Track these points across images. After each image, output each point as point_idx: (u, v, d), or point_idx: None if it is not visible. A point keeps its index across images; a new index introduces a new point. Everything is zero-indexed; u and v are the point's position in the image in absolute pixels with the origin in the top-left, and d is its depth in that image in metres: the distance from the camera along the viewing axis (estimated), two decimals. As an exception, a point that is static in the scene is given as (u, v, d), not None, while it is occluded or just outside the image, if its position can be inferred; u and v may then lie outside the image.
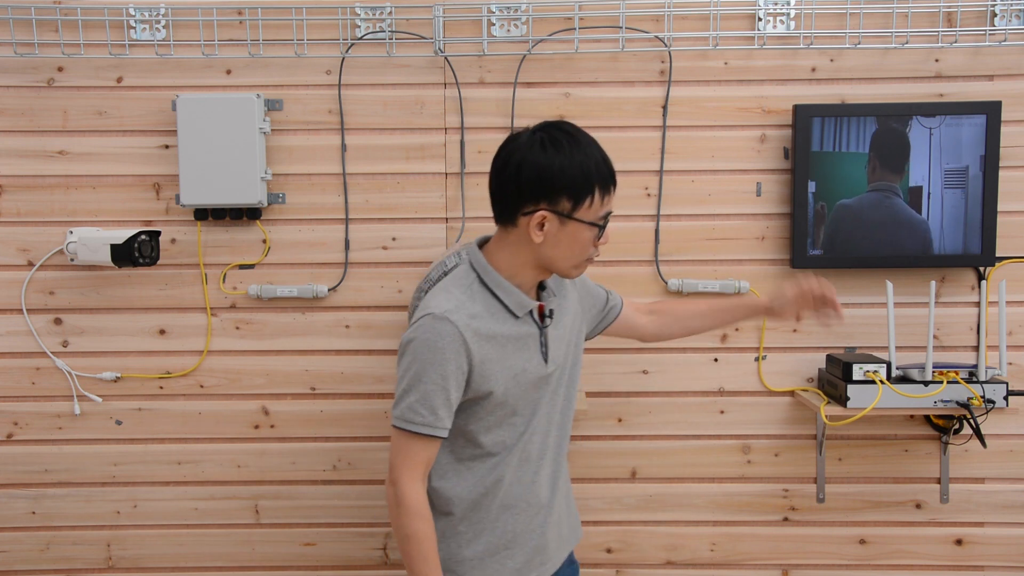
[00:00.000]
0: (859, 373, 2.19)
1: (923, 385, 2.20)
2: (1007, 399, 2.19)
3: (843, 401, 2.20)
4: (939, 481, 2.46)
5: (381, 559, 2.51)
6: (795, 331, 2.42)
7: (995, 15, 2.32)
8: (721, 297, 2.05)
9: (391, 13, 2.35)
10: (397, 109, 2.40)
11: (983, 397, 2.17)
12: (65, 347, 2.46)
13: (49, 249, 2.43)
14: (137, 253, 2.29)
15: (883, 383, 2.17)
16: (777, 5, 2.34)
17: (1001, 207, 2.33)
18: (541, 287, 1.70)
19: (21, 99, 2.40)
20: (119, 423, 2.48)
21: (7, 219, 2.42)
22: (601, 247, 1.63)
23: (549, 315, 1.68)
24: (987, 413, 2.18)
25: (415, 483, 1.58)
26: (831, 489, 2.47)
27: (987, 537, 2.48)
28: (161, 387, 2.47)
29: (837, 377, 2.25)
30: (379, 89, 2.40)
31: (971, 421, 2.20)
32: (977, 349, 2.40)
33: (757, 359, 2.44)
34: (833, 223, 2.32)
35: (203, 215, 2.39)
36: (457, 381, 1.57)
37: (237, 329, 2.45)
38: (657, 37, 2.36)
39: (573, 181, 1.54)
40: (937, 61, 2.36)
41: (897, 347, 2.34)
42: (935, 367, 2.23)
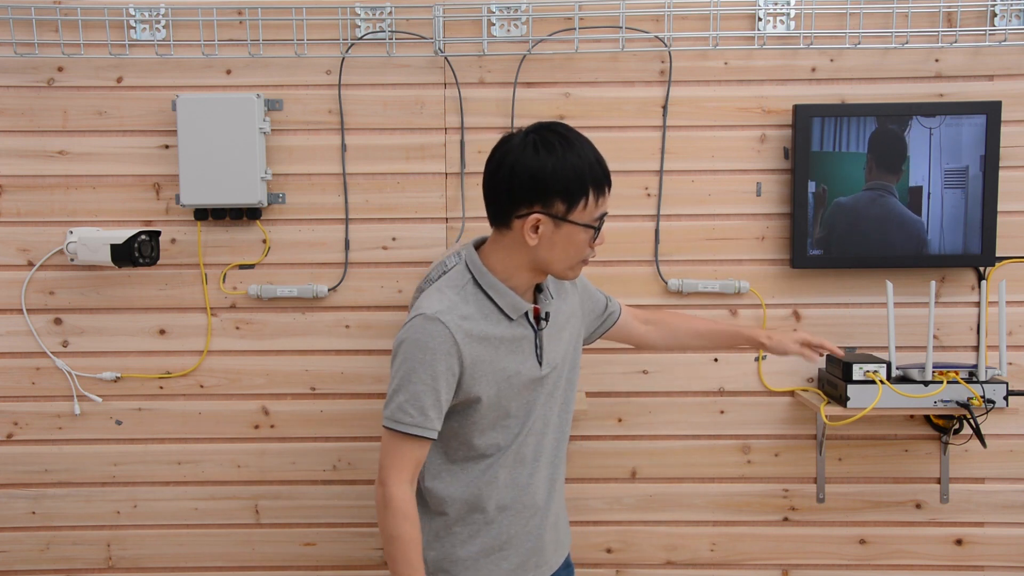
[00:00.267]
0: (859, 373, 2.19)
1: (923, 385, 2.20)
2: (1007, 399, 2.19)
3: (843, 401, 2.20)
4: (939, 481, 2.46)
5: (381, 559, 2.51)
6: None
7: (995, 15, 2.32)
8: (719, 323, 2.09)
9: (391, 13, 2.35)
10: (397, 109, 2.40)
11: (983, 397, 2.17)
12: (65, 347, 2.46)
13: (49, 249, 2.43)
14: (137, 253, 2.29)
15: (883, 383, 2.17)
16: (777, 5, 2.34)
17: (1001, 207, 2.33)
18: (539, 289, 1.70)
19: (21, 99, 2.40)
20: (119, 423, 2.48)
21: (7, 219, 2.43)
22: (597, 248, 1.62)
23: (544, 318, 1.68)
24: (987, 413, 2.18)
25: (403, 484, 1.58)
26: (831, 489, 2.47)
27: (987, 537, 2.48)
28: (161, 387, 2.47)
29: (837, 377, 2.25)
30: (379, 89, 2.40)
31: (971, 421, 2.20)
32: (977, 349, 2.40)
33: (757, 359, 2.44)
34: (829, 220, 2.32)
35: (203, 215, 2.39)
36: (447, 382, 1.57)
37: (237, 329, 2.45)
38: (657, 37, 2.36)
39: (566, 183, 1.53)
40: (937, 61, 2.36)
41: (897, 347, 2.34)
42: (935, 367, 2.23)
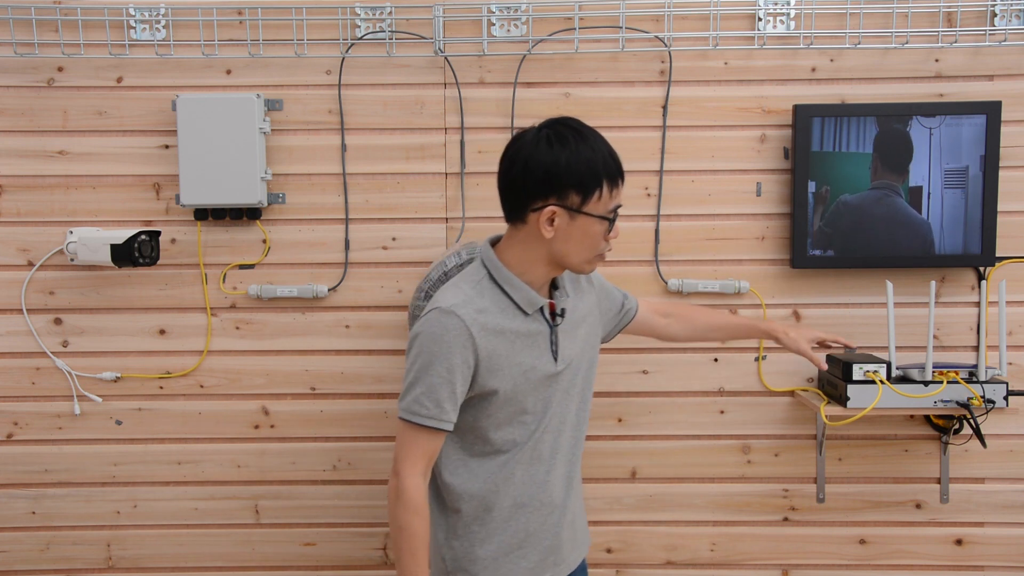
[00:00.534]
0: (859, 373, 2.18)
1: (923, 385, 2.20)
2: (1007, 399, 2.19)
3: (843, 401, 2.20)
4: (939, 481, 2.46)
5: (381, 559, 2.51)
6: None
7: (995, 15, 2.32)
8: (735, 316, 2.14)
9: (391, 13, 2.35)
10: (397, 109, 2.40)
11: (983, 397, 2.17)
12: (65, 347, 2.46)
13: (49, 249, 2.43)
14: (137, 253, 2.29)
15: (883, 383, 2.17)
16: (777, 5, 2.34)
17: (1001, 207, 2.33)
18: (554, 286, 1.70)
19: (21, 99, 2.40)
20: (119, 423, 2.48)
21: (7, 219, 2.42)
22: (612, 242, 1.64)
23: (560, 314, 1.68)
24: (987, 413, 2.18)
25: (416, 476, 1.59)
26: (831, 489, 2.47)
27: (987, 537, 2.48)
28: (161, 387, 2.47)
29: (837, 377, 2.25)
30: (379, 89, 2.40)
31: (971, 421, 2.20)
32: (977, 349, 2.40)
33: (757, 359, 2.44)
34: (833, 217, 2.31)
35: (203, 215, 2.39)
36: (463, 375, 1.58)
37: (237, 329, 2.45)
38: (657, 37, 2.36)
39: (581, 175, 1.56)
40: (937, 61, 2.36)
41: (897, 347, 2.34)
42: (935, 367, 2.23)
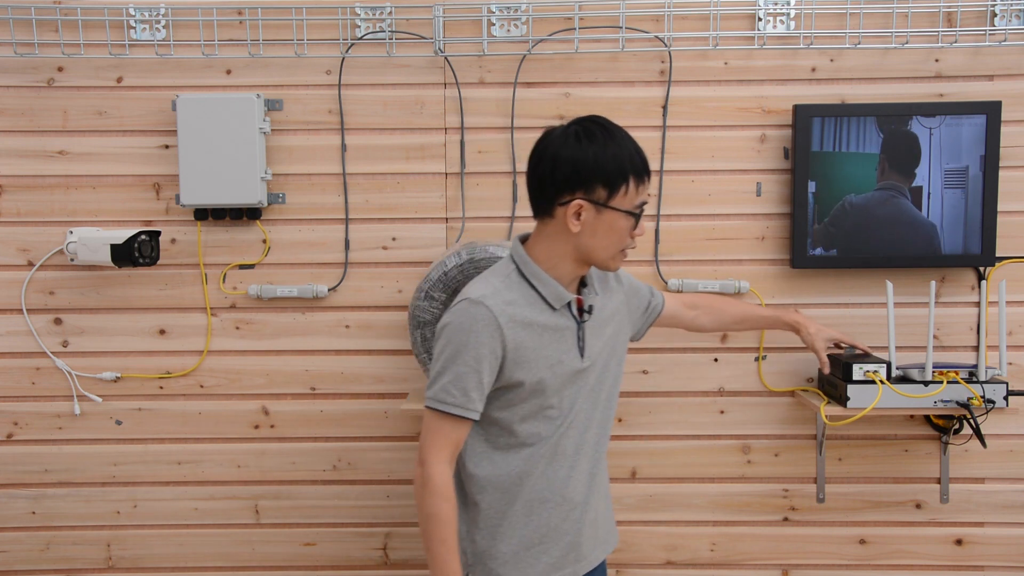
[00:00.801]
0: (859, 373, 2.18)
1: (923, 385, 2.20)
2: (1007, 399, 2.18)
3: (843, 401, 2.20)
4: (939, 481, 2.46)
5: (381, 559, 2.51)
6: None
7: (995, 15, 2.32)
8: (759, 307, 2.16)
9: (391, 13, 2.35)
10: (397, 109, 2.40)
11: (983, 397, 2.17)
12: (65, 347, 2.46)
13: (49, 249, 2.43)
14: (137, 253, 2.29)
15: (883, 383, 2.17)
16: (777, 5, 2.34)
17: (1001, 207, 2.33)
18: (583, 284, 1.71)
19: (21, 99, 2.40)
20: (119, 423, 2.48)
21: (7, 219, 2.42)
22: (637, 238, 1.65)
23: (588, 310, 1.69)
24: (987, 413, 2.18)
25: (442, 464, 1.60)
26: (831, 489, 2.47)
27: (987, 537, 2.48)
28: (161, 387, 2.47)
29: (837, 377, 2.25)
30: (379, 89, 2.40)
31: (971, 421, 2.20)
32: (977, 349, 2.40)
33: (757, 359, 2.44)
34: (838, 217, 2.31)
35: (203, 215, 2.39)
36: (491, 365, 1.59)
37: (237, 329, 2.45)
38: (657, 37, 2.36)
39: (607, 170, 1.57)
40: (937, 61, 2.36)
41: (897, 347, 2.34)
42: (935, 367, 2.23)
